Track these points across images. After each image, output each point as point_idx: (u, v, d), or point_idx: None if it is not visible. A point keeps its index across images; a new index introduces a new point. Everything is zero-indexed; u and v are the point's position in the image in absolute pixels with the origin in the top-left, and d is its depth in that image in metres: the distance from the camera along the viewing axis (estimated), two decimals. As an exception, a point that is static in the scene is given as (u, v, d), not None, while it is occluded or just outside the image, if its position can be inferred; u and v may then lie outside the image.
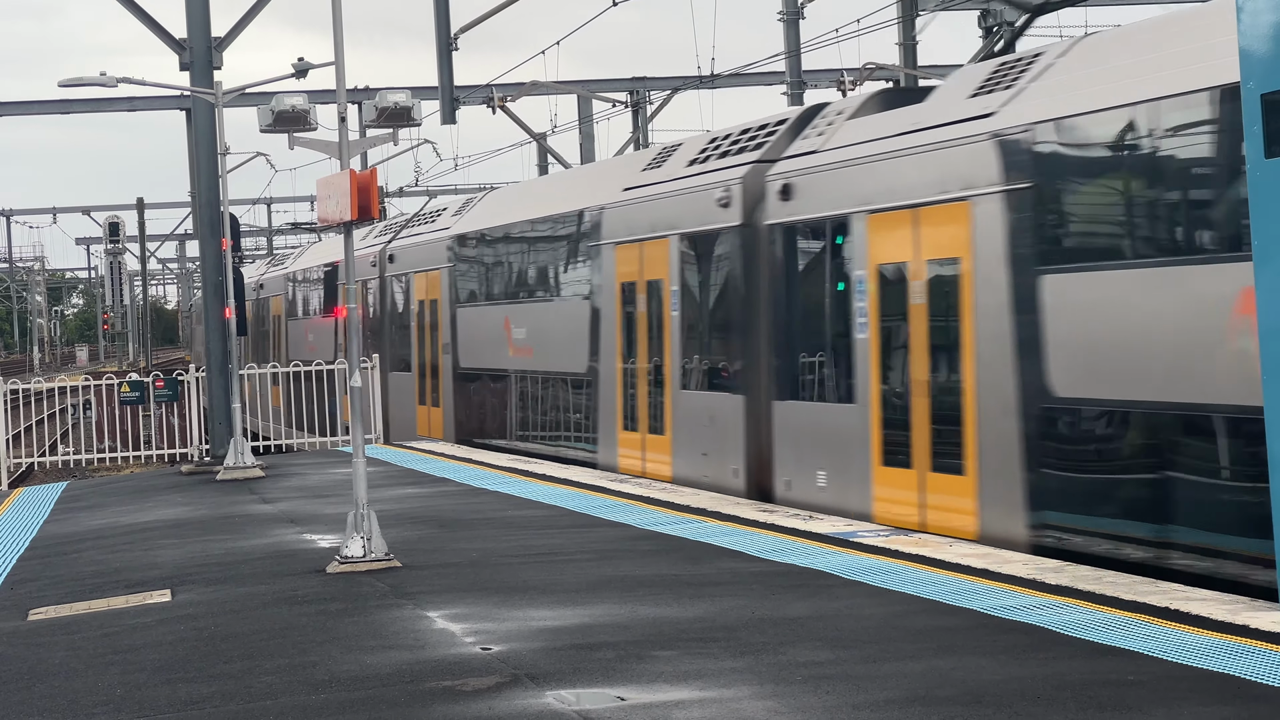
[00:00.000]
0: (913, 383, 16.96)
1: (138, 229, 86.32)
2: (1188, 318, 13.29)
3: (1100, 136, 14.37)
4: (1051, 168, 15.00)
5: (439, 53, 47.51)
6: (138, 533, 19.53)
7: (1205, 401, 13.05)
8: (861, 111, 19.38)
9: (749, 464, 20.48)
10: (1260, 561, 12.42)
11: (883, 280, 17.54)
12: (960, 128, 16.51)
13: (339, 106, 15.64)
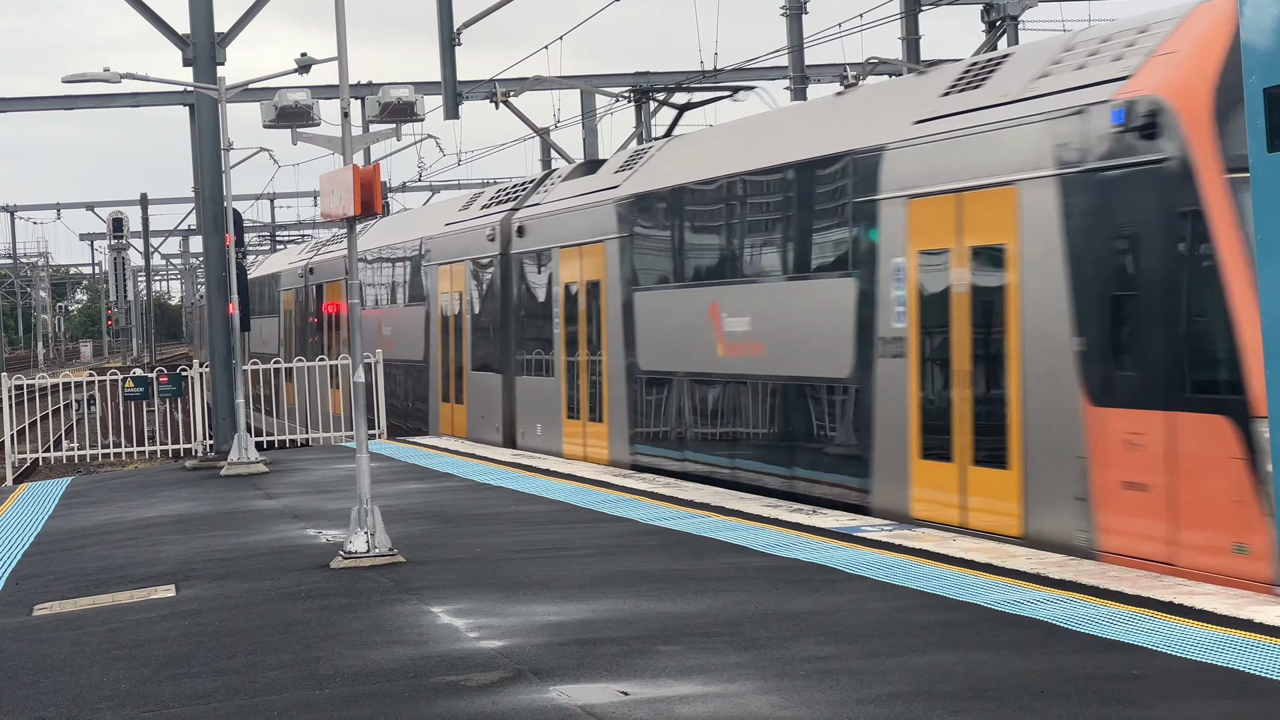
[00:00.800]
0: (578, 363, 25.74)
1: (141, 224, 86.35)
2: (694, 318, 21.92)
3: (659, 205, 22.89)
4: (639, 222, 23.48)
5: (442, 48, 47.50)
6: (142, 528, 19.54)
7: (702, 371, 21.66)
8: (569, 177, 27.82)
9: (505, 422, 28.92)
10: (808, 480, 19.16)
11: (565, 292, 26.25)
12: (603, 194, 24.96)
13: (342, 102, 15.64)
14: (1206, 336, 13.28)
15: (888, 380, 17.46)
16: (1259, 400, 12.52)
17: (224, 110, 27.32)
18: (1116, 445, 14.09)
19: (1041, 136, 15.21)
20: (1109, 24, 16.18)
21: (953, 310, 16.44)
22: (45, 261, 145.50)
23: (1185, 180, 13.51)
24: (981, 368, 15.95)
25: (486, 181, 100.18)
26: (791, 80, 45.32)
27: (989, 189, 15.95)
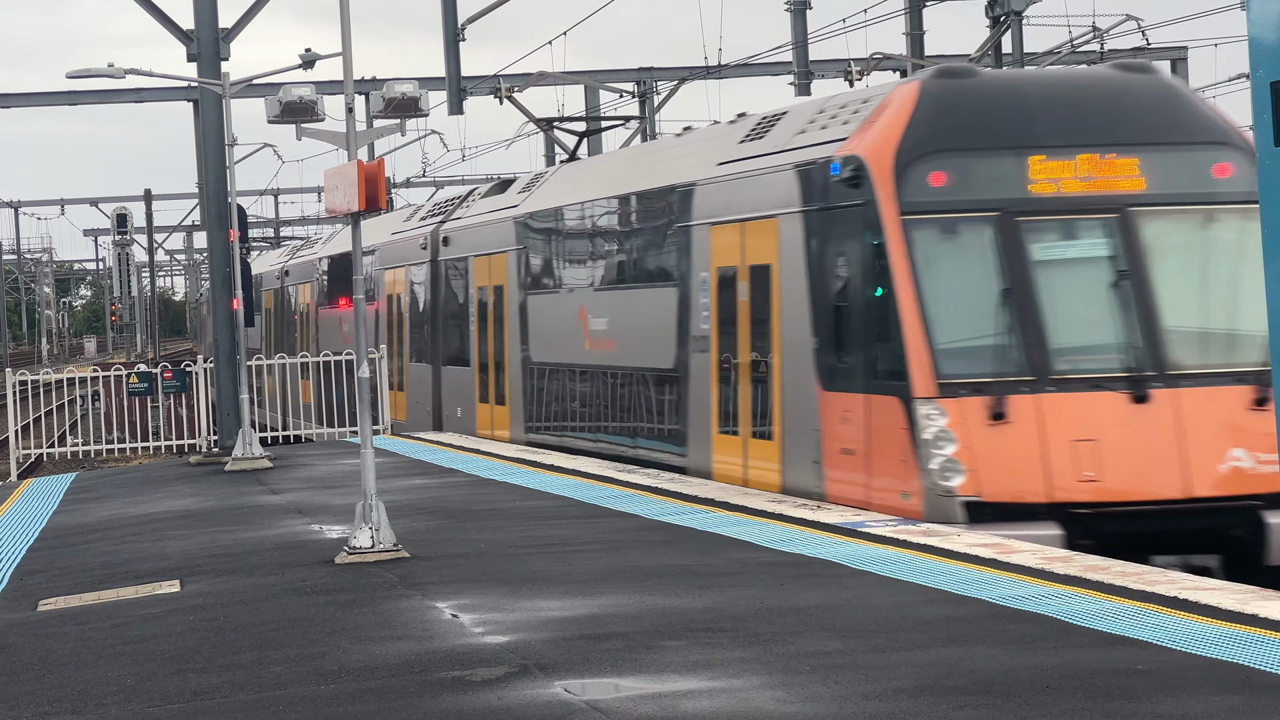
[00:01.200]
0: (488, 355, 29.19)
1: (145, 220, 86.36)
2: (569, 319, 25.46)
3: (545, 222, 26.74)
4: (531, 237, 27.32)
5: (446, 43, 47.49)
6: (146, 524, 19.55)
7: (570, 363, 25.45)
8: (486, 194, 31.72)
9: (434, 407, 32.61)
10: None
11: (479, 295, 29.73)
12: (506, 211, 28.79)
13: (346, 97, 15.64)
14: (887, 339, 16.87)
15: (697, 371, 21.15)
16: (918, 386, 16.41)
17: (228, 106, 27.31)
18: (836, 420, 17.78)
19: (793, 181, 18.83)
20: (852, 91, 22.03)
21: (738, 316, 20.04)
22: (49, 257, 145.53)
23: (874, 220, 17.11)
24: (756, 361, 19.55)
25: (490, 177, 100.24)
26: (795, 75, 45.31)
27: (761, 220, 19.53)
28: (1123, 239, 16.77)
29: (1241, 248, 16.79)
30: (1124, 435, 15.99)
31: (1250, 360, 16.25)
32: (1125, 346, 16.41)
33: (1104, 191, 16.98)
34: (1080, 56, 51.28)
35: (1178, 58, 55.10)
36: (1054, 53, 49.84)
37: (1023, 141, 17.12)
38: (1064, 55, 49.97)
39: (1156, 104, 17.56)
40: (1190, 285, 16.87)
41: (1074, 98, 17.62)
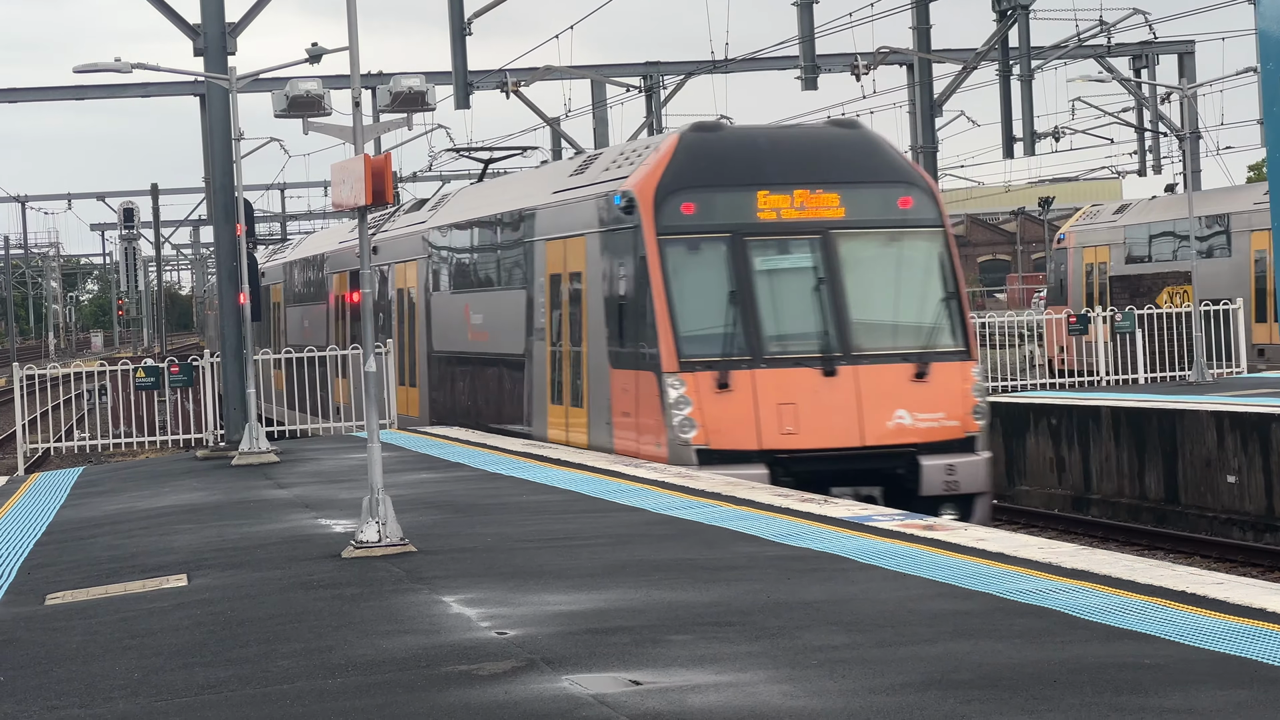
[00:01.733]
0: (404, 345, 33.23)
1: (152, 215, 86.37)
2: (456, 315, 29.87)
3: (442, 235, 31.51)
4: (433, 247, 31.98)
5: (453, 37, 47.47)
6: (153, 518, 19.56)
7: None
8: (408, 210, 36.38)
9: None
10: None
11: (399, 295, 34.11)
12: (416, 226, 33.51)
13: (353, 91, 15.63)
14: (646, 329, 21.88)
15: (538, 356, 26.04)
16: (665, 364, 21.45)
17: (235, 100, 27.30)
18: (619, 392, 22.74)
19: (594, 208, 23.91)
20: (642, 140, 28.16)
21: (562, 312, 25.01)
22: (56, 252, 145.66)
23: (640, 239, 22.12)
24: (574, 347, 24.42)
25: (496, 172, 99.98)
26: (802, 70, 45.27)
27: (575, 237, 24.59)
28: (824, 254, 21.89)
29: (913, 260, 22.14)
30: (816, 400, 21.19)
31: (912, 345, 21.69)
32: (821, 335, 21.57)
33: (812, 218, 22.04)
34: (1087, 50, 51.21)
35: (1184, 52, 55.03)
36: (1061, 46, 49.78)
37: (752, 180, 22.15)
38: (1071, 49, 49.90)
39: (857, 152, 22.74)
40: (872, 289, 21.95)
41: (793, 147, 22.78)
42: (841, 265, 21.81)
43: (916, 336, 21.78)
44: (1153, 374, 33.91)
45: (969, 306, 22.34)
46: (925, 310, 21.99)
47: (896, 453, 20.97)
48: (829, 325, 21.50)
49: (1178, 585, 11.99)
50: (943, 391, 21.37)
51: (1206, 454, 25.10)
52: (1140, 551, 23.38)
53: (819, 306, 21.62)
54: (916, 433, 21.11)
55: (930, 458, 20.93)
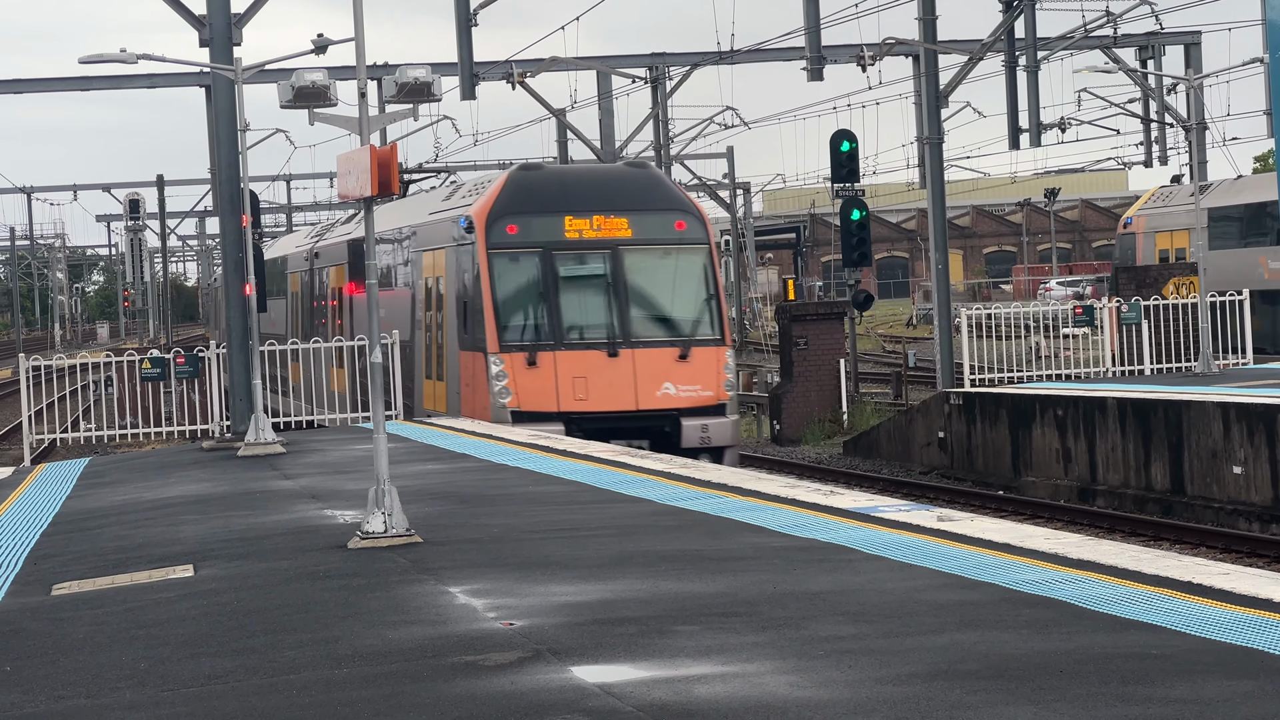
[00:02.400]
0: (335, 336, 36.29)
1: (158, 206, 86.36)
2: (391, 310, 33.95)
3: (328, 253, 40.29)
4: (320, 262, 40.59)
5: (459, 28, 47.46)
6: (160, 508, 19.57)
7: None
8: (345, 223, 42.30)
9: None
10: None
11: (330, 294, 40.23)
12: (342, 236, 39.75)
13: (359, 82, 15.63)
14: (479, 321, 28.19)
15: (418, 343, 32.31)
16: (490, 347, 27.67)
17: (240, 91, 27.30)
18: (463, 368, 28.98)
19: (450, 227, 30.41)
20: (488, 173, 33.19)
21: (431, 308, 31.64)
22: (62, 243, 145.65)
23: (476, 253, 28.44)
24: (439, 335, 30.82)
25: (502, 162, 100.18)
26: (808, 61, 45.23)
27: (439, 250, 31.15)
28: (613, 265, 28.11)
29: (682, 270, 28.25)
30: (602, 375, 27.32)
31: (678, 334, 27.91)
32: (608, 326, 27.86)
33: (606, 236, 28.25)
34: (1093, 41, 51.15)
35: (1191, 42, 54.96)
36: (1067, 37, 49.72)
37: (561, 208, 28.45)
38: (1077, 40, 49.83)
39: (643, 186, 29.09)
40: (649, 291, 28.17)
41: (594, 182, 29.33)
42: (626, 273, 28.16)
43: (681, 328, 28.09)
44: (1159, 365, 33.89)
45: (726, 306, 28.79)
46: (689, 308, 28.29)
47: (663, 415, 27.36)
48: (614, 319, 27.93)
49: (1184, 576, 11.98)
50: (700, 370, 27.59)
51: (1212, 445, 25.09)
52: (1146, 542, 23.38)
53: (607, 305, 28.07)
54: (679, 400, 27.43)
55: (689, 419, 27.30)
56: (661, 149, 60.92)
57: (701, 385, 27.44)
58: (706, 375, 27.51)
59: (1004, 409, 30.35)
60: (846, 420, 41.30)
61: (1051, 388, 30.67)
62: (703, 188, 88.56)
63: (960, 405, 31.79)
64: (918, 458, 33.51)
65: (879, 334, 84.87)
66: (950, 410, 32.11)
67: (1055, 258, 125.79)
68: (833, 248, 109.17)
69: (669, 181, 30.16)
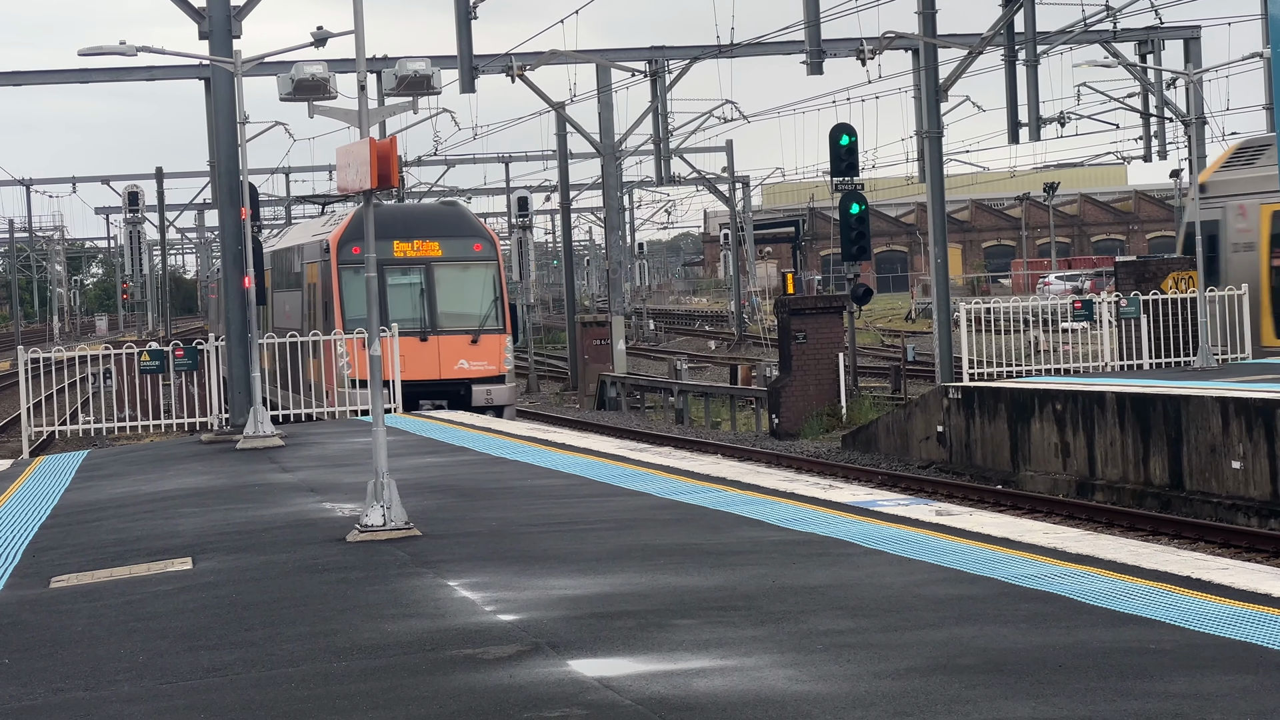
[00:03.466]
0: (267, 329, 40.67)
1: (157, 199, 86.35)
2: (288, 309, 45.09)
3: (278, 255, 47.20)
4: (275, 261, 47.27)
5: (458, 21, 47.44)
6: (158, 501, 19.57)
7: None
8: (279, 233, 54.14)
9: None
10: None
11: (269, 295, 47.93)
12: (275, 244, 49.34)
13: (358, 75, 15.62)
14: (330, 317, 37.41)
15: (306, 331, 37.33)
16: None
17: (240, 84, 27.27)
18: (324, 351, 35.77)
19: (318, 246, 39.38)
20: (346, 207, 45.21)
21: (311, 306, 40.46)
22: (61, 235, 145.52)
23: (329, 268, 38.31)
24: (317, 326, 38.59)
25: (501, 156, 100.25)
26: (808, 55, 45.21)
27: (314, 263, 40.01)
28: (427, 276, 38.21)
29: (476, 280, 38.27)
30: (417, 353, 36.65)
31: (470, 326, 37.80)
32: (421, 319, 37.77)
33: (423, 256, 38.30)
34: (1093, 36, 51.12)
35: (1190, 37, 54.93)
36: (1066, 31, 49.71)
37: (392, 235, 38.09)
38: (1076, 34, 49.81)
39: (451, 219, 39.83)
40: (451, 295, 38.13)
41: (417, 216, 40.33)
42: (436, 282, 38.27)
43: (473, 321, 38.09)
44: (1158, 359, 33.89)
45: (508, 303, 38.42)
46: (480, 307, 38.31)
47: (459, 382, 37.15)
48: (425, 314, 38.08)
49: (1182, 570, 11.99)
50: (487, 351, 37.49)
51: (1211, 439, 25.09)
52: (1144, 537, 23.38)
53: (422, 304, 38.20)
54: (470, 372, 37.30)
55: (478, 386, 37.13)
56: (661, 142, 60.90)
57: (487, 361, 37.48)
58: (491, 355, 37.79)
59: (1003, 403, 30.35)
60: (845, 414, 41.29)
61: (1050, 382, 30.68)
62: (702, 181, 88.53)
63: (959, 399, 31.78)
64: (916, 452, 33.51)
65: (878, 328, 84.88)
66: (949, 404, 32.11)
67: (1054, 252, 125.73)
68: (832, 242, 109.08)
69: (471, 215, 40.73)
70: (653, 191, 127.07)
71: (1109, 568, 12.25)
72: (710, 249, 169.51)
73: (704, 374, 61.23)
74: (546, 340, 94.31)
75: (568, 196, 68.73)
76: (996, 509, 26.22)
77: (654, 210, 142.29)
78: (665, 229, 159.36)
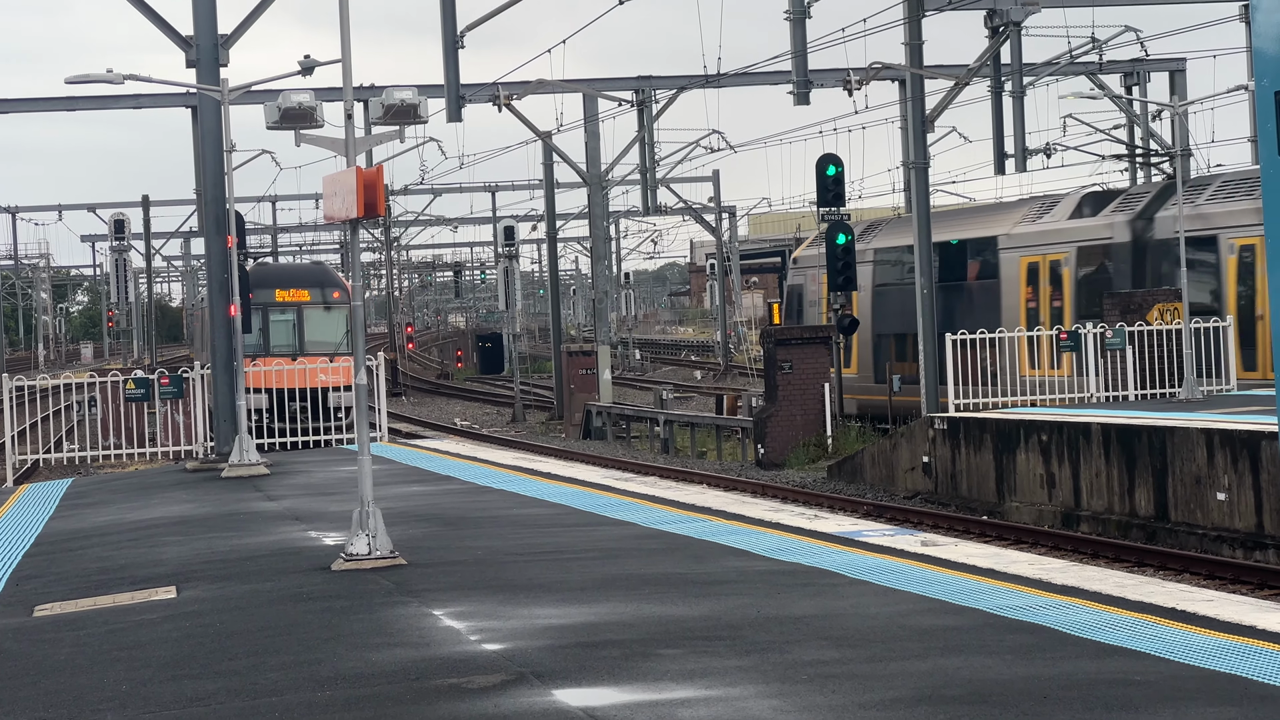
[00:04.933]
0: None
1: (143, 226, 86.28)
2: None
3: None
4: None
5: (445, 50, 47.48)
6: (142, 529, 19.53)
7: None
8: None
9: None
10: None
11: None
12: None
13: (345, 104, 15.63)
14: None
15: None
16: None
17: (227, 112, 27.29)
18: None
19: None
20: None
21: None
22: (46, 263, 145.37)
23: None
24: None
25: (487, 185, 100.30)
26: (795, 85, 45.27)
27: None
28: (299, 315, 48.44)
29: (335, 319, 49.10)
30: (289, 370, 43.51)
31: (329, 351, 46.65)
32: (293, 345, 47.59)
33: (296, 300, 48.38)
34: (1079, 67, 51.27)
35: (1176, 69, 55.10)
36: (1053, 63, 49.84)
37: (274, 285, 48.35)
38: (1063, 66, 49.95)
39: (319, 274, 51.24)
40: (317, 329, 48.48)
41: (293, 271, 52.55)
42: (305, 320, 48.33)
43: (331, 347, 47.63)
44: (1143, 391, 33.93)
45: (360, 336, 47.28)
46: (336, 336, 48.18)
47: (319, 390, 42.62)
48: (296, 342, 47.80)
49: (1168, 602, 11.99)
50: (339, 370, 43.71)
51: (1196, 471, 25.11)
52: (1130, 568, 23.39)
53: (294, 335, 48.11)
54: (327, 383, 43.75)
55: (334, 392, 44.09)
56: (647, 172, 60.96)
57: (340, 375, 44.27)
58: (343, 371, 44.56)
59: (988, 434, 30.37)
60: (831, 444, 41.29)
61: (1036, 413, 30.69)
62: (688, 211, 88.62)
63: (944, 430, 31.80)
64: (902, 482, 33.51)
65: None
66: (935, 435, 32.12)
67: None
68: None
69: (333, 272, 52.39)
70: (639, 221, 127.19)
71: (1094, 599, 12.24)
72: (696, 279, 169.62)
73: (690, 404, 61.22)
74: (533, 369, 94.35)
75: (554, 226, 68.79)
76: (982, 539, 26.21)
77: (640, 240, 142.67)
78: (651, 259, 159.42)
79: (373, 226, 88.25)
